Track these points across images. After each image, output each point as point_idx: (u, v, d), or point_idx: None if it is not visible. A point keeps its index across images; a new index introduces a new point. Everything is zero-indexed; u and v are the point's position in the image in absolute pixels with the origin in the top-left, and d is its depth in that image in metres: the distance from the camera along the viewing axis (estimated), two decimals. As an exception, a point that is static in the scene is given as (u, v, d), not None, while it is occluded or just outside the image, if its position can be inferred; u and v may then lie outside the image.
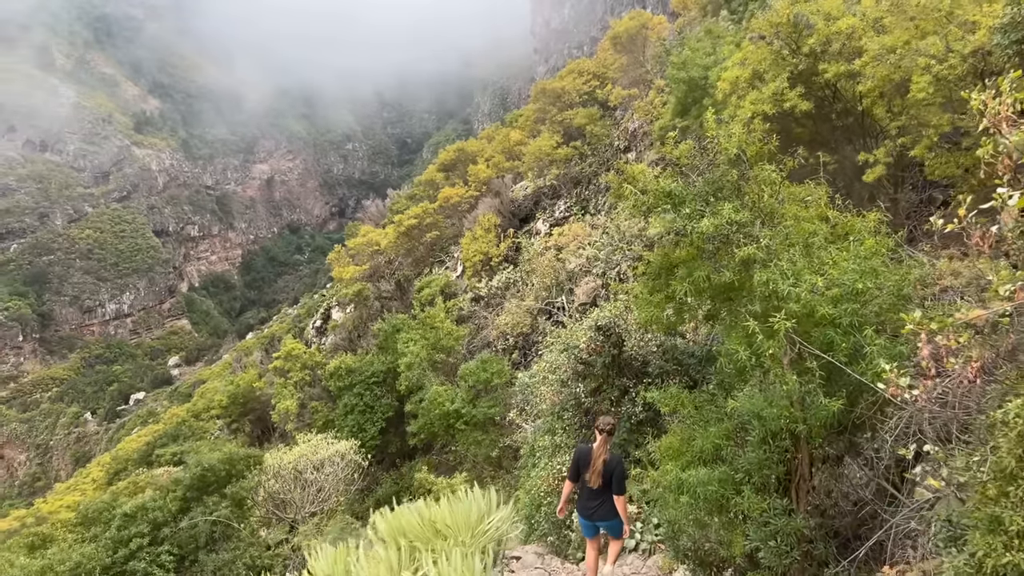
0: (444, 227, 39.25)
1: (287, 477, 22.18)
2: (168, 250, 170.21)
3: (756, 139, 6.88)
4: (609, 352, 14.20)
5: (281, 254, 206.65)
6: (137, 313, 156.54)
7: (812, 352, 6.21)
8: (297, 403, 32.74)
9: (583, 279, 25.58)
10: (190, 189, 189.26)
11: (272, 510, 22.59)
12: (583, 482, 8.39)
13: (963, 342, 4.28)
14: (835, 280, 6.49)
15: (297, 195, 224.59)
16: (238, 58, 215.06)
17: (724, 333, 7.41)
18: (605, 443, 8.34)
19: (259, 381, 40.92)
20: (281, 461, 22.19)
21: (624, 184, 6.92)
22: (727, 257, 6.62)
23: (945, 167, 10.50)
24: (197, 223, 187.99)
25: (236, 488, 20.26)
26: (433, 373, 25.46)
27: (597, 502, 8.34)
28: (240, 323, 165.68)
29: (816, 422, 6.44)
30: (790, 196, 7.18)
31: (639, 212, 6.87)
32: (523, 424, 20.39)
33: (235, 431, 44.75)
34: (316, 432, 28.53)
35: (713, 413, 7.44)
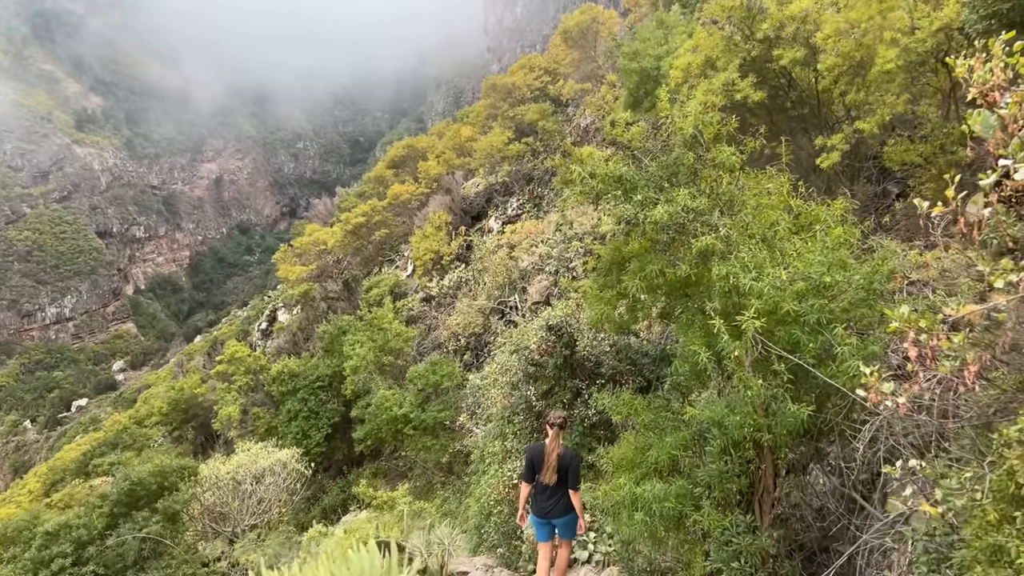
0: (394, 225, 38.20)
1: (225, 488, 20.99)
2: (112, 252, 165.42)
3: (714, 120, 6.23)
4: (561, 353, 13.62)
5: (230, 255, 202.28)
6: (80, 317, 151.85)
7: (779, 353, 5.58)
8: (240, 409, 31.37)
9: (536, 277, 24.93)
10: (135, 189, 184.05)
11: (209, 524, 21.38)
12: (537, 481, 8.10)
13: (957, 342, 3.64)
14: (801, 273, 5.88)
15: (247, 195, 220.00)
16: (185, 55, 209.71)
17: (680, 332, 6.76)
18: (557, 437, 8.09)
19: (201, 387, 39.29)
20: (218, 472, 20.98)
21: (571, 167, 6.21)
22: (683, 249, 5.96)
23: (904, 154, 10.08)
24: (142, 224, 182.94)
25: (168, 502, 19.03)
26: (380, 376, 24.48)
27: (552, 499, 8.09)
28: (188, 326, 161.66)
29: (783, 430, 5.83)
30: (750, 182, 6.56)
31: (587, 199, 6.17)
32: (474, 428, 19.62)
33: (177, 439, 43.00)
34: (258, 439, 27.33)
35: (669, 421, 6.79)
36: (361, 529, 11.82)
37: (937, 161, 10.01)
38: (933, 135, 9.92)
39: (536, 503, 8.26)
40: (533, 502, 8.32)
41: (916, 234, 9.12)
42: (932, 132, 9.94)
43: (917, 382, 4.01)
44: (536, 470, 8.10)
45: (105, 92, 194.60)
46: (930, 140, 9.98)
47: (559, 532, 8.47)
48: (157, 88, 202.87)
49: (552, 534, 8.54)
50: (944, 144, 9.94)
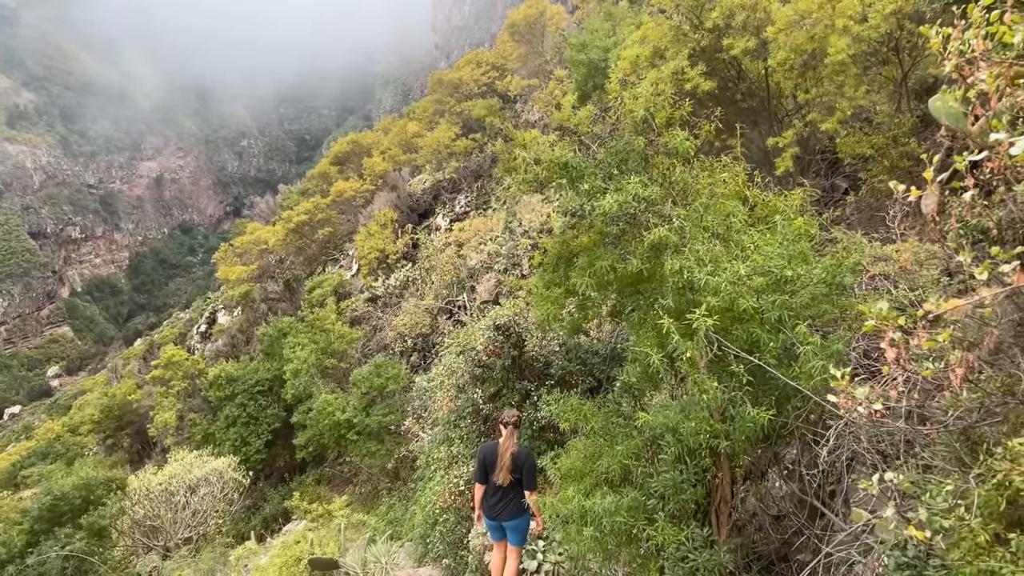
0: (338, 223, 37.13)
1: (157, 501, 19.87)
2: (46, 253, 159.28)
3: (666, 103, 5.75)
4: (509, 353, 13.10)
5: (172, 256, 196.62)
6: (12, 321, 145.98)
7: (737, 353, 5.14)
8: (176, 415, 30.03)
9: (485, 276, 24.39)
10: (70, 188, 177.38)
11: (140, 538, 20.23)
12: (490, 481, 7.81)
13: (942, 342, 3.21)
14: (760, 267, 5.46)
15: (189, 194, 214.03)
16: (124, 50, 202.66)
17: (631, 331, 6.28)
18: (512, 436, 7.78)
19: (136, 392, 37.62)
20: (149, 483, 19.85)
21: (514, 152, 5.67)
22: (634, 242, 5.46)
23: (856, 146, 9.83)
24: (79, 224, 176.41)
25: (94, 517, 17.91)
26: (323, 380, 23.57)
27: (503, 501, 7.80)
28: (128, 329, 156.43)
29: (741, 436, 5.40)
30: (704, 171, 6.12)
31: (531, 187, 5.63)
32: (420, 433, 18.95)
33: (112, 447, 41.15)
34: (195, 447, 26.15)
35: (620, 427, 6.30)
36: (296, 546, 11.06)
37: (889, 153, 9.79)
38: (885, 126, 9.70)
39: (487, 504, 7.94)
40: (484, 503, 8.01)
41: (871, 228, 8.85)
42: (883, 122, 9.71)
43: (894, 386, 3.58)
44: (489, 470, 7.79)
45: (38, 88, 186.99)
46: (882, 131, 9.75)
47: (508, 537, 8.16)
48: (94, 84, 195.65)
49: (505, 534, 8.21)
50: (896, 135, 9.73)
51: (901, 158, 9.87)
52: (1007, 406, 3.56)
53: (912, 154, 9.90)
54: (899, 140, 9.78)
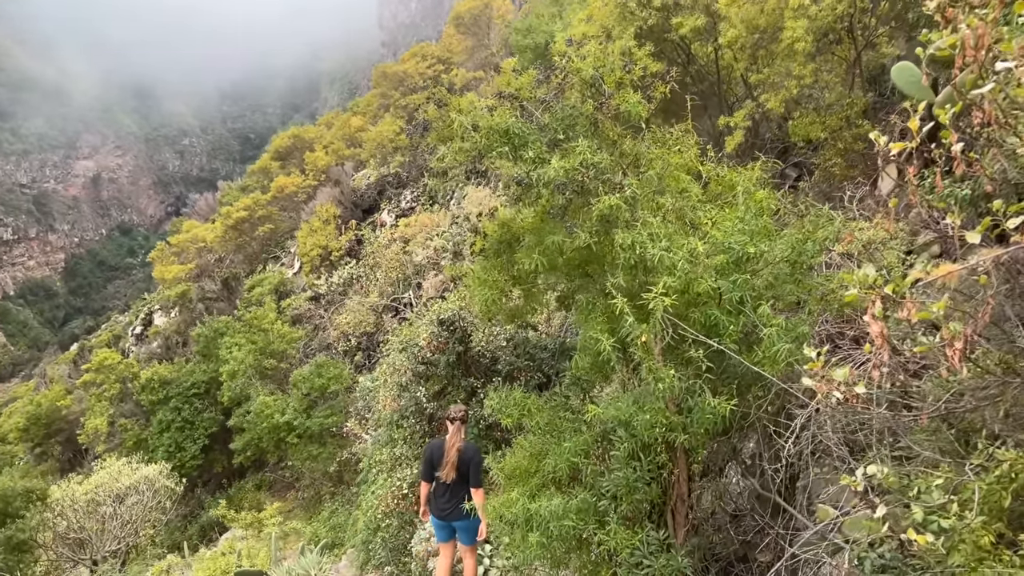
0: (279, 220, 35.89)
1: (81, 511, 18.63)
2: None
3: (616, 64, 5.23)
4: (453, 349, 12.53)
5: (111, 257, 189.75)
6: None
7: (696, 337, 4.64)
8: (108, 421, 28.53)
9: (431, 272, 23.71)
10: (1, 188, 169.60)
11: (64, 552, 18.95)
12: (436, 479, 7.52)
13: (937, 312, 2.73)
14: (720, 244, 4.97)
15: (128, 194, 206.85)
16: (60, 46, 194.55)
17: (580, 318, 5.74)
18: (459, 431, 7.50)
19: (66, 398, 35.76)
20: (73, 493, 18.60)
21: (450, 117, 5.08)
22: (582, 215, 4.92)
23: (809, 128, 9.51)
24: (11, 225, 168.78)
25: (11, 531, 16.65)
26: (261, 382, 22.54)
27: (453, 500, 7.47)
28: (64, 333, 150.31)
29: (700, 428, 4.91)
30: (656, 141, 5.62)
31: (468, 156, 5.04)
32: (363, 434, 18.16)
33: (41, 456, 39.08)
34: (127, 454, 24.82)
35: (568, 422, 5.76)
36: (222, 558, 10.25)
37: (842, 135, 9.50)
38: (837, 106, 9.39)
39: (435, 503, 7.61)
40: (433, 502, 7.68)
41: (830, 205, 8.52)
42: (836, 103, 9.41)
43: (878, 366, 3.10)
44: (435, 466, 7.48)
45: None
46: (834, 112, 9.45)
47: (459, 537, 7.81)
48: (27, 80, 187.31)
49: (452, 535, 7.87)
50: (849, 116, 9.44)
51: (855, 140, 9.59)
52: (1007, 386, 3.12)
53: (865, 136, 9.63)
54: (852, 121, 9.50)
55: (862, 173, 9.89)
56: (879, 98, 10.91)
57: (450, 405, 8.06)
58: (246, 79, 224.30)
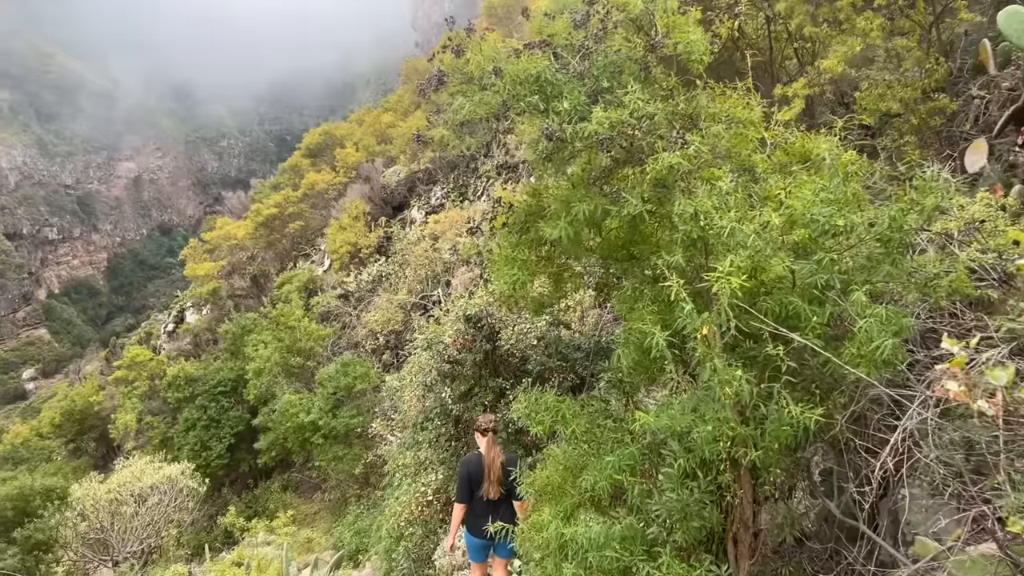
0: (310, 218, 35.48)
1: (103, 511, 18.19)
2: (22, 254, 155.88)
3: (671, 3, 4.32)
4: (481, 347, 11.74)
5: (151, 257, 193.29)
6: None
7: (775, 330, 3.72)
8: (137, 418, 28.32)
9: (460, 269, 22.96)
10: (47, 188, 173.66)
11: (85, 552, 18.54)
12: (477, 498, 6.98)
13: None
14: (800, 216, 4.03)
15: (168, 194, 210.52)
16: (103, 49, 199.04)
17: (622, 309, 4.82)
18: (494, 443, 7.03)
19: (98, 394, 35.79)
20: (96, 493, 18.17)
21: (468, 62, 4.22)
22: (630, 179, 4.01)
23: (879, 101, 8.45)
24: (56, 225, 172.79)
25: (29, 531, 16.22)
26: (287, 380, 21.96)
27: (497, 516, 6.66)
28: (106, 331, 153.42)
29: (775, 443, 3.99)
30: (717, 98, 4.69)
31: (490, 110, 4.18)
32: (388, 436, 17.44)
33: (75, 452, 39.26)
34: (153, 451, 24.49)
35: (610, 432, 4.86)
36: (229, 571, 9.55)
37: (917, 109, 8.42)
38: (912, 75, 8.34)
39: (476, 522, 6.99)
40: (471, 521, 7.12)
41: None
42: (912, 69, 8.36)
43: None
44: (475, 486, 6.93)
45: (13, 87, 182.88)
46: (909, 83, 8.39)
47: (496, 551, 7.35)
48: (71, 83, 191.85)
49: (488, 555, 7.42)
50: (925, 88, 8.37)
51: (930, 115, 8.52)
52: None
53: (943, 111, 8.57)
54: (928, 93, 8.44)
55: (937, 153, 8.83)
56: (956, 74, 9.80)
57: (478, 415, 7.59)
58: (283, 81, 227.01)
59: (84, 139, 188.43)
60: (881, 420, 4.63)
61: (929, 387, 4.25)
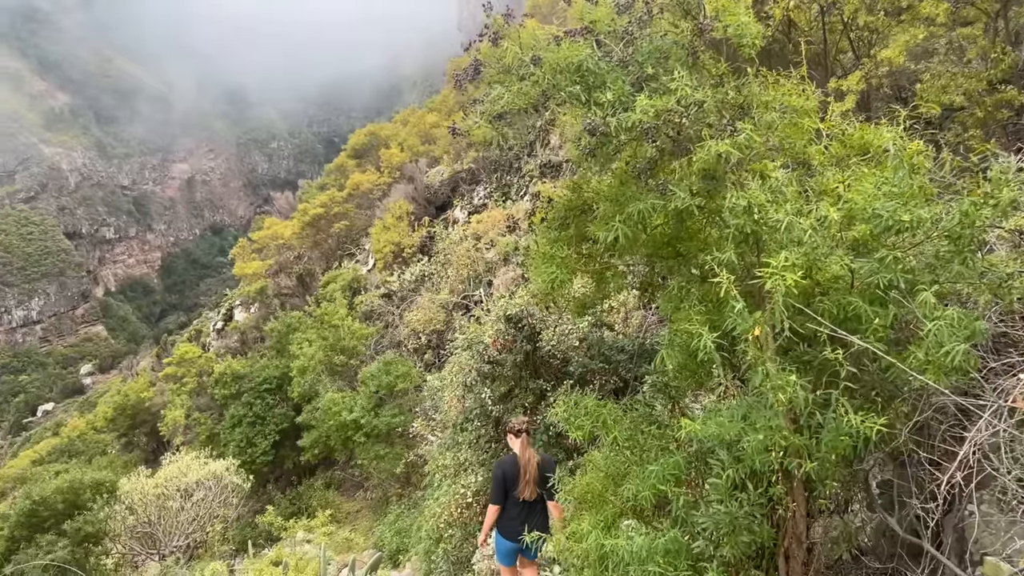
0: (355, 217, 35.77)
1: (150, 506, 18.51)
2: (81, 253, 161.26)
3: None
4: (521, 348, 11.53)
5: (204, 256, 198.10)
6: (47, 319, 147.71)
7: (833, 332, 3.44)
8: (185, 414, 28.89)
9: (502, 269, 22.82)
10: (104, 189, 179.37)
11: (133, 545, 18.88)
12: (511, 499, 6.87)
13: None
14: (859, 210, 3.75)
15: (220, 195, 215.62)
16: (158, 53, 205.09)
17: (668, 308, 4.58)
18: (528, 444, 6.94)
19: (149, 390, 36.64)
20: (143, 487, 18.49)
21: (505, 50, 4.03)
22: (678, 171, 3.77)
23: (942, 93, 8.00)
24: (113, 225, 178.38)
25: (78, 523, 16.56)
26: (331, 378, 22.10)
27: (532, 518, 6.80)
28: (159, 328, 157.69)
29: (832, 454, 3.71)
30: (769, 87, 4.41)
31: (528, 100, 3.98)
32: (429, 436, 17.38)
33: (127, 445, 40.29)
34: (200, 447, 24.90)
35: (654, 438, 4.62)
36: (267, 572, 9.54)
37: (983, 101, 7.96)
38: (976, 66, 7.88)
39: (510, 524, 6.88)
40: (505, 524, 6.99)
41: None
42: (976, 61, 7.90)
43: None
44: (510, 487, 6.81)
45: (74, 91, 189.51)
46: (974, 75, 7.93)
47: (524, 552, 7.10)
48: (129, 87, 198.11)
49: (517, 559, 7.27)
50: (991, 79, 7.90)
51: (997, 107, 8.04)
52: None
53: (1010, 103, 8.08)
54: (995, 84, 7.97)
55: (1004, 148, 8.35)
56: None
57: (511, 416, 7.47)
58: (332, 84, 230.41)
59: (140, 141, 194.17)
60: (947, 431, 4.30)
61: (1003, 396, 3.95)
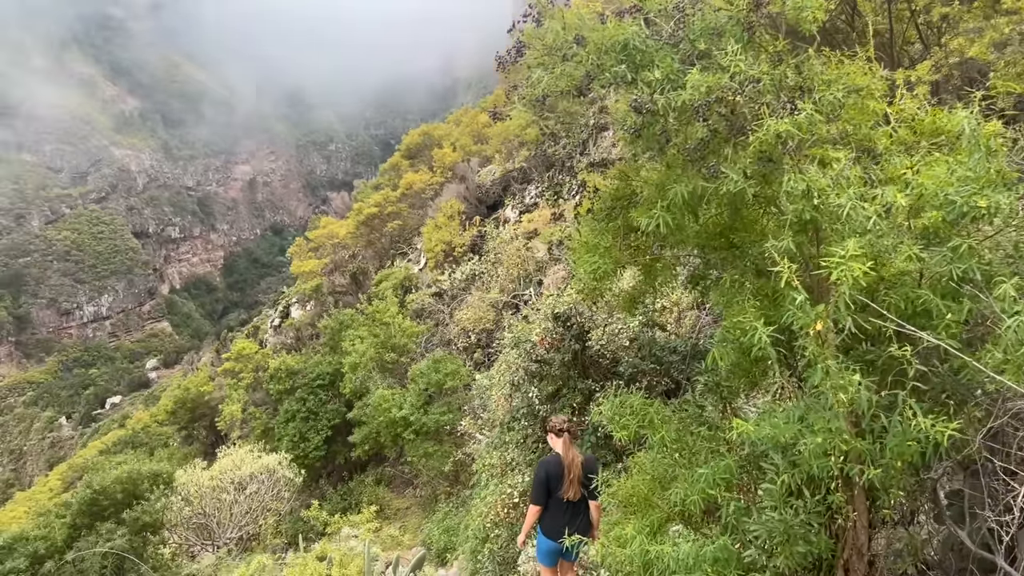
0: (408, 216, 36.03)
1: (206, 498, 18.88)
2: (148, 252, 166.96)
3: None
4: (570, 347, 11.31)
5: (264, 255, 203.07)
6: (116, 315, 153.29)
7: (900, 327, 3.16)
8: (241, 408, 29.50)
9: (552, 268, 22.63)
10: (170, 190, 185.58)
11: (188, 536, 19.29)
12: (555, 499, 6.71)
13: None
14: (930, 196, 3.45)
15: (280, 196, 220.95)
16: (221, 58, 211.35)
17: (721, 303, 4.32)
18: (571, 443, 6.76)
19: (208, 384, 37.56)
20: (198, 479, 18.88)
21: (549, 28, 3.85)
22: (731, 154, 3.53)
23: (1018, 82, 7.49)
24: (178, 224, 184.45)
25: (136, 513, 16.97)
26: (381, 375, 22.22)
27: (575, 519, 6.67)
28: (221, 325, 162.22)
29: (898, 460, 3.42)
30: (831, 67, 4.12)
31: (571, 83, 3.79)
32: (477, 434, 17.29)
33: (188, 438, 41.42)
34: (255, 441, 25.36)
35: (704, 440, 4.37)
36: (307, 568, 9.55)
37: (1066, 88, 7.43)
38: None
39: (553, 524, 6.73)
40: (548, 524, 6.85)
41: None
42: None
43: None
44: (554, 488, 6.65)
45: (143, 95, 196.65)
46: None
47: (564, 555, 7.01)
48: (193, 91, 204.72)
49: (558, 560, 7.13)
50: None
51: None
52: None
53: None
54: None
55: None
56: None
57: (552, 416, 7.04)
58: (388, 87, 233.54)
59: (204, 143, 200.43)
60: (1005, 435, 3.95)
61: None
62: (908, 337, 3.36)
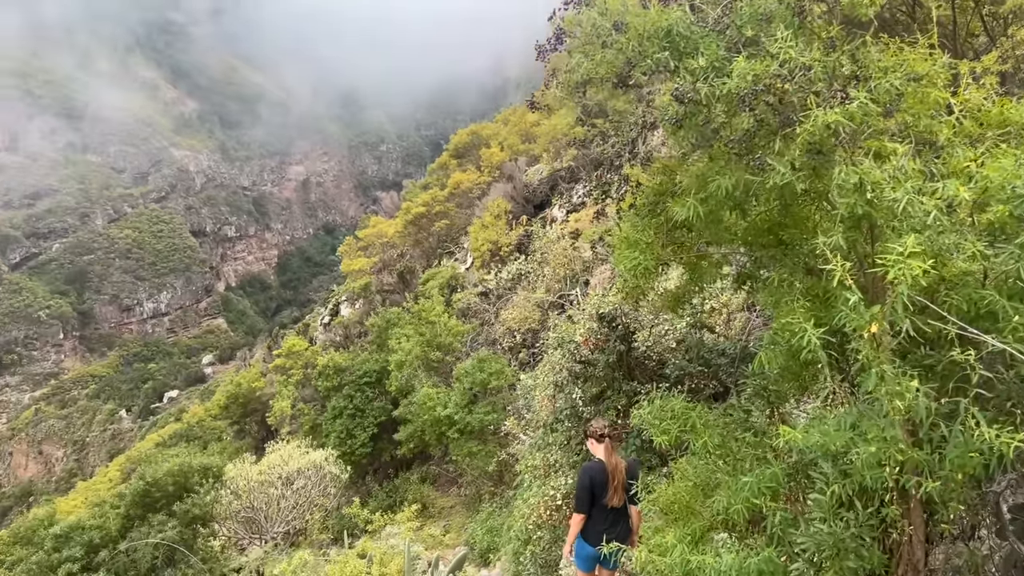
0: (455, 216, 36.16)
1: (255, 492, 19.23)
2: (205, 250, 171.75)
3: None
4: (614, 348, 11.13)
5: (316, 254, 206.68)
6: (174, 312, 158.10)
7: (963, 330, 2.95)
8: (291, 404, 30.00)
9: (599, 268, 22.38)
10: (227, 190, 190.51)
11: (237, 529, 19.66)
12: (599, 506, 6.63)
13: None
14: (996, 189, 3.22)
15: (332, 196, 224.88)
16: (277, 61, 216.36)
17: (769, 303, 4.13)
18: (613, 449, 6.75)
19: (260, 380, 38.32)
20: (247, 474, 19.22)
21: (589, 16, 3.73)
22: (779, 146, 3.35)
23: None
24: (234, 224, 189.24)
25: (187, 505, 17.35)
26: (427, 374, 22.32)
27: (619, 523, 6.59)
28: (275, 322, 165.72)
29: (959, 472, 3.19)
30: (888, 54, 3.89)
31: (612, 70, 3.66)
32: (520, 435, 17.19)
33: (239, 433, 42.32)
34: (304, 437, 25.74)
35: (749, 446, 4.18)
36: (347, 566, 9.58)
37: None
38: None
39: (594, 531, 6.55)
40: (591, 529, 6.68)
41: None
42: None
43: None
44: (600, 495, 6.55)
45: (201, 97, 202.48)
46: None
47: (603, 562, 6.82)
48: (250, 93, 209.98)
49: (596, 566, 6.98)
50: None
51: None
52: None
53: None
54: None
55: None
56: None
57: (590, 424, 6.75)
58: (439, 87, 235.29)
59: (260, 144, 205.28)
60: None
61: None
62: (971, 341, 3.14)
